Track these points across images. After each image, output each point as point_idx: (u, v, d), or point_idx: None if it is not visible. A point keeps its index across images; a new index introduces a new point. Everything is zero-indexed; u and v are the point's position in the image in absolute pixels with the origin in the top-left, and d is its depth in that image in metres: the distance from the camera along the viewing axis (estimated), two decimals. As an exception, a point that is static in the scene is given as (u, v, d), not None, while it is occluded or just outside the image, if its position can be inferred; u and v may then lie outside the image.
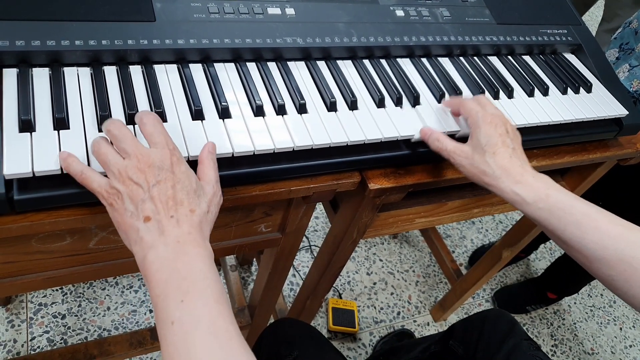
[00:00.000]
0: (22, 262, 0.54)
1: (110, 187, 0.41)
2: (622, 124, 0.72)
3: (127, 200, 0.40)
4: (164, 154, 0.42)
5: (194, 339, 0.36)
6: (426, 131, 0.57)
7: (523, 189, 0.51)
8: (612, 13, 2.08)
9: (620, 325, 1.65)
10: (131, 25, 0.51)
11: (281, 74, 0.58)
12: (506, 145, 0.53)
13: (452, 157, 0.55)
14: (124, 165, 0.41)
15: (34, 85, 0.46)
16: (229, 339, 0.37)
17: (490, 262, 1.22)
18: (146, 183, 0.40)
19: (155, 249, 0.39)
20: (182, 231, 0.40)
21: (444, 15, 0.69)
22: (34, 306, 1.21)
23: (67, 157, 0.42)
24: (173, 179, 0.41)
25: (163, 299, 0.38)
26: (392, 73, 0.64)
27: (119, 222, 0.41)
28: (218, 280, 0.40)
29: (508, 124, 0.55)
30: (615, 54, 1.05)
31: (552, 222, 0.50)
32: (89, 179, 0.41)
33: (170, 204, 0.40)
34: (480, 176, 0.54)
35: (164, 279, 0.38)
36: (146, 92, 0.50)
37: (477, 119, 0.55)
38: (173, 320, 0.37)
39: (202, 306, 0.37)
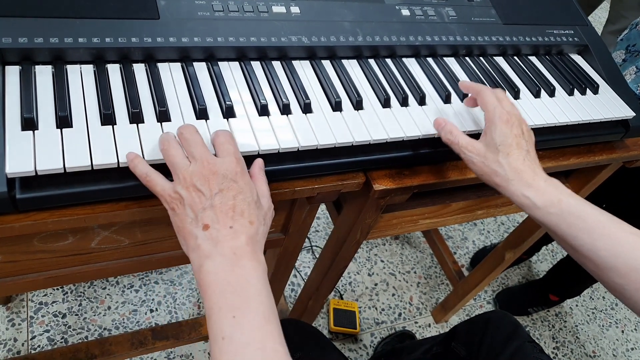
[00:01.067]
0: (24, 262, 0.53)
1: (174, 192, 0.41)
2: (629, 125, 0.72)
3: (188, 207, 0.41)
4: (230, 162, 0.42)
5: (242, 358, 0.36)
6: (440, 121, 0.56)
7: (534, 192, 0.50)
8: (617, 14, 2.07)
9: (622, 328, 1.65)
10: (135, 22, 0.51)
11: (286, 73, 0.57)
12: (520, 147, 0.52)
13: (463, 152, 0.54)
14: (190, 171, 0.41)
15: (36, 83, 0.46)
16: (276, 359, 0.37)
17: (493, 263, 1.21)
18: (209, 191, 0.41)
19: (211, 259, 0.39)
20: (239, 243, 0.40)
21: (450, 15, 0.68)
22: (35, 305, 1.21)
23: (135, 158, 0.43)
24: (236, 188, 0.41)
25: (216, 312, 0.38)
26: (398, 73, 0.63)
27: (179, 227, 0.42)
28: (270, 297, 0.40)
29: (524, 124, 0.54)
30: (621, 56, 1.05)
31: (562, 227, 0.49)
32: (153, 182, 0.42)
33: (230, 214, 0.41)
34: (491, 176, 0.52)
35: (218, 290, 0.39)
36: (150, 90, 0.49)
37: (494, 115, 0.53)
38: (224, 336, 0.37)
39: (253, 325, 0.37)
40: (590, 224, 0.48)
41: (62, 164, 0.41)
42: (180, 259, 0.65)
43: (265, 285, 0.40)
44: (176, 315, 1.28)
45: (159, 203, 0.48)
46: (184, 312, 1.29)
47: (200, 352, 1.22)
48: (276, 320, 0.39)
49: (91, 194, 0.44)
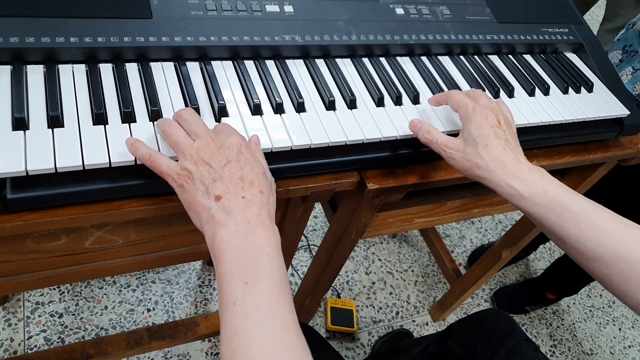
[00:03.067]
0: (17, 262, 0.53)
1: (182, 168, 0.41)
2: (624, 124, 0.72)
3: (197, 181, 0.41)
4: (233, 136, 0.43)
5: (253, 323, 0.36)
6: (416, 123, 0.55)
7: (519, 182, 0.49)
8: (614, 12, 2.07)
9: (620, 326, 1.65)
10: (127, 22, 0.50)
11: (279, 72, 0.57)
12: (499, 137, 0.51)
13: (442, 150, 0.53)
14: (196, 146, 0.42)
15: (28, 83, 0.45)
16: (286, 327, 0.37)
17: (490, 262, 1.21)
18: (217, 163, 0.41)
19: (225, 228, 0.40)
20: (252, 212, 0.40)
21: (444, 14, 0.68)
22: (31, 305, 1.21)
23: (135, 142, 0.43)
24: (243, 160, 0.42)
25: (229, 279, 0.38)
26: (392, 72, 0.63)
27: (190, 202, 0.42)
28: (282, 266, 0.40)
29: (500, 115, 0.53)
30: (618, 56, 1.05)
31: (550, 218, 0.48)
32: (157, 162, 0.42)
33: (240, 184, 0.41)
34: (473, 169, 0.51)
35: (231, 258, 0.39)
36: (142, 90, 0.49)
37: (467, 110, 0.52)
38: (235, 301, 0.37)
39: (264, 291, 0.38)
40: (577, 214, 0.47)
41: (53, 164, 0.41)
42: (174, 258, 0.65)
43: (278, 255, 0.40)
44: (173, 314, 1.28)
45: (151, 203, 0.48)
46: (181, 312, 1.29)
47: (197, 352, 1.22)
48: (287, 289, 0.39)
49: (83, 194, 0.44)
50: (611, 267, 0.46)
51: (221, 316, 0.38)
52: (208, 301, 1.33)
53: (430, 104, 0.59)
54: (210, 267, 1.40)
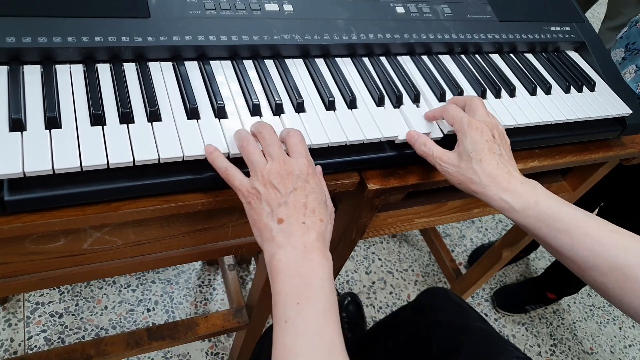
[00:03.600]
0: (16, 263, 0.53)
1: (252, 187, 0.44)
2: (626, 123, 0.71)
3: (264, 202, 0.44)
4: (303, 164, 0.45)
5: (301, 343, 0.39)
6: (413, 134, 0.56)
7: (511, 196, 0.50)
8: (616, 11, 2.07)
9: (620, 325, 1.65)
10: (125, 21, 0.50)
11: (279, 71, 0.57)
12: (493, 152, 0.52)
13: (438, 163, 0.54)
14: (268, 169, 0.44)
15: (25, 83, 0.45)
16: (332, 348, 0.39)
17: (490, 261, 1.21)
18: (284, 189, 0.44)
19: (284, 249, 0.43)
20: (310, 238, 0.43)
21: (445, 12, 0.68)
22: (31, 305, 1.20)
23: (214, 151, 0.46)
24: (308, 188, 0.45)
25: (282, 297, 0.41)
26: (392, 71, 0.63)
27: (255, 220, 0.45)
28: (333, 291, 0.43)
29: (495, 129, 0.54)
30: (621, 54, 1.04)
31: (542, 229, 0.49)
32: (232, 176, 0.45)
33: (302, 211, 0.44)
34: (467, 184, 0.52)
35: (286, 279, 0.42)
36: (140, 90, 0.49)
37: (462, 125, 0.53)
38: (287, 319, 0.40)
39: (314, 313, 0.40)
40: (568, 224, 0.48)
41: (50, 166, 0.41)
42: (174, 259, 0.64)
43: (329, 281, 0.43)
44: (173, 314, 1.28)
45: (149, 204, 0.48)
46: (181, 312, 1.29)
47: (197, 352, 1.22)
48: (336, 313, 0.42)
49: (81, 195, 0.44)
50: (606, 276, 0.46)
51: (274, 331, 0.41)
52: (208, 301, 1.33)
53: (427, 119, 0.59)
54: (210, 267, 1.40)
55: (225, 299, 1.34)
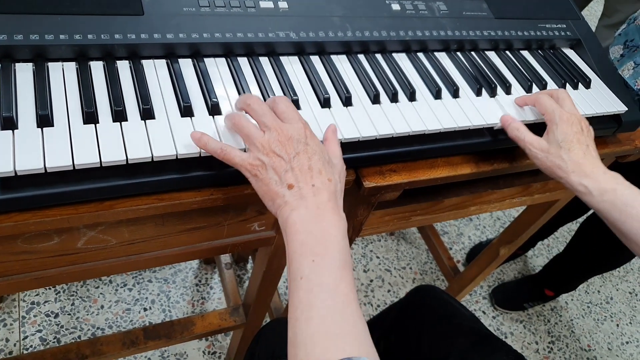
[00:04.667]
0: (9, 263, 0.52)
1: (255, 159, 0.44)
2: (621, 120, 0.71)
3: (270, 171, 0.44)
4: (299, 127, 0.46)
5: (316, 295, 0.40)
6: (507, 118, 0.60)
7: (591, 182, 0.55)
8: (613, 8, 2.06)
9: (617, 322, 1.65)
10: (118, 18, 0.50)
11: (274, 69, 0.56)
12: (581, 143, 0.57)
13: (529, 148, 0.58)
14: (267, 138, 0.45)
15: (16, 81, 0.44)
16: (346, 303, 0.40)
17: (488, 259, 1.21)
18: (287, 155, 0.44)
19: (297, 211, 0.43)
20: (321, 199, 0.44)
21: (440, 9, 0.67)
22: (27, 305, 1.20)
23: (202, 136, 0.45)
24: (310, 150, 0.45)
25: (298, 256, 0.42)
26: (388, 68, 0.62)
27: (264, 191, 0.45)
28: (347, 248, 0.44)
29: (583, 122, 0.59)
30: (619, 51, 1.04)
31: (613, 214, 0.54)
32: (230, 154, 0.45)
33: (309, 174, 0.44)
34: (553, 169, 0.57)
35: (301, 239, 0.42)
36: (134, 87, 0.49)
37: (554, 116, 0.58)
38: (302, 276, 0.41)
39: (329, 268, 0.41)
40: (639, 210, 0.53)
41: (42, 164, 0.40)
42: (169, 258, 0.64)
43: (343, 238, 0.44)
44: (170, 313, 1.28)
45: (143, 203, 0.47)
46: (177, 311, 1.28)
47: (194, 351, 1.22)
48: (350, 269, 0.43)
49: (74, 194, 0.43)
50: None
51: (290, 289, 0.42)
52: (205, 300, 1.32)
53: (517, 103, 0.64)
54: (207, 265, 1.39)
55: (222, 298, 1.34)
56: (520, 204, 0.89)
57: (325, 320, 0.39)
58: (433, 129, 0.58)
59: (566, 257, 1.39)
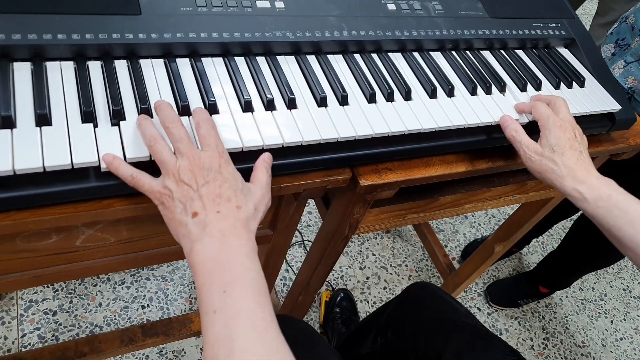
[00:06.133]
0: (8, 261, 0.53)
1: (163, 187, 0.43)
2: (615, 118, 0.72)
3: (177, 200, 0.43)
4: (213, 156, 0.44)
5: (234, 328, 0.38)
6: (507, 119, 0.61)
7: (586, 188, 0.55)
8: (607, 7, 2.07)
9: (611, 319, 1.67)
10: (116, 18, 0.50)
11: (270, 68, 0.57)
12: (574, 149, 0.57)
13: (523, 150, 0.59)
14: (178, 166, 0.43)
15: (14, 80, 0.45)
16: (266, 328, 0.39)
17: (483, 256, 1.22)
18: (195, 184, 0.43)
19: (200, 241, 0.42)
20: (226, 224, 0.42)
21: (436, 9, 0.68)
22: (25, 303, 1.20)
23: (114, 160, 0.43)
24: (220, 179, 0.44)
25: (207, 289, 0.40)
26: (384, 68, 0.63)
27: (169, 219, 0.44)
28: (259, 271, 0.42)
29: (577, 129, 0.59)
30: (611, 50, 1.05)
31: (608, 220, 0.54)
32: (140, 182, 0.43)
33: (217, 201, 0.43)
34: (547, 173, 0.57)
35: (208, 269, 0.41)
36: (132, 87, 0.49)
37: (547, 122, 0.59)
38: (215, 309, 0.39)
39: (242, 297, 0.39)
40: (634, 217, 0.53)
41: (41, 163, 0.41)
42: (167, 255, 0.65)
43: (253, 261, 0.42)
44: (168, 311, 1.28)
45: (142, 201, 0.48)
46: (175, 308, 1.29)
47: (192, 348, 1.22)
48: (265, 293, 0.41)
49: (72, 193, 0.44)
50: None
51: (202, 325, 0.39)
52: (202, 298, 1.33)
53: (516, 110, 0.65)
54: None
55: (219, 296, 1.34)
56: (515, 201, 0.90)
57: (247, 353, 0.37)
58: (428, 127, 0.58)
59: (560, 254, 1.40)
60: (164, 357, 1.19)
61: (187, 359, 1.20)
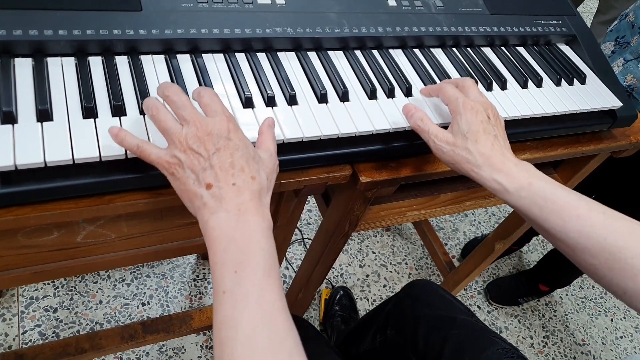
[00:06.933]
0: (9, 257, 0.53)
1: (171, 156, 0.41)
2: (616, 115, 0.72)
3: (188, 169, 0.41)
4: (222, 121, 0.42)
5: (241, 310, 0.37)
6: (410, 108, 0.55)
7: (504, 177, 0.50)
8: (608, 5, 2.07)
9: (611, 317, 1.67)
10: (117, 14, 0.50)
11: (271, 64, 0.57)
12: (488, 133, 0.51)
13: (432, 140, 0.53)
14: (184, 133, 0.41)
15: (16, 76, 0.45)
16: (274, 313, 0.38)
17: (483, 254, 1.22)
18: (206, 152, 0.41)
19: (217, 215, 0.40)
20: (243, 199, 0.41)
21: (437, 6, 0.68)
22: (25, 300, 1.20)
23: (119, 132, 0.42)
24: (232, 146, 0.42)
25: (220, 267, 0.39)
26: (384, 64, 0.63)
27: (182, 190, 0.42)
28: (273, 252, 0.41)
29: (490, 110, 0.53)
30: (610, 47, 1.05)
31: (534, 211, 0.49)
32: (146, 151, 0.42)
33: (230, 171, 0.41)
34: (461, 163, 0.52)
35: (222, 247, 0.40)
36: (132, 83, 0.49)
37: (457, 105, 0.53)
38: (225, 290, 0.38)
39: (252, 279, 0.38)
40: (560, 206, 0.48)
41: (42, 159, 0.41)
42: (168, 252, 0.65)
43: (268, 241, 0.41)
44: (168, 308, 1.28)
45: (143, 197, 0.48)
46: (175, 306, 1.29)
47: (192, 345, 1.23)
48: (277, 275, 0.40)
49: (74, 188, 0.44)
50: (596, 257, 0.46)
51: (214, 304, 0.39)
52: (202, 295, 1.33)
53: (422, 94, 0.59)
54: (205, 261, 1.40)
55: (220, 293, 1.34)
56: (516, 199, 0.90)
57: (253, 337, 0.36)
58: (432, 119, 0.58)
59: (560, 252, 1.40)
60: (164, 354, 1.19)
61: (187, 356, 1.20)
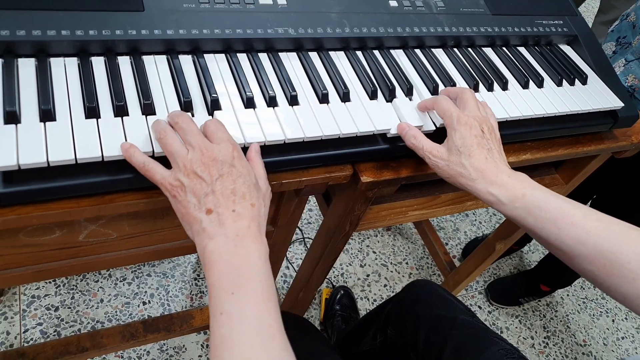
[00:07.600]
0: (11, 256, 0.53)
1: (175, 179, 0.42)
2: (617, 116, 0.72)
3: (190, 194, 0.42)
4: (227, 148, 0.43)
5: (238, 332, 0.38)
6: (404, 126, 0.56)
7: (498, 189, 0.51)
8: (609, 5, 2.07)
9: (613, 317, 1.67)
10: (119, 15, 0.50)
11: (272, 65, 0.57)
12: (481, 147, 0.53)
13: (428, 157, 0.54)
14: (189, 158, 0.42)
15: (19, 76, 0.45)
16: (271, 336, 0.39)
17: (484, 254, 1.22)
18: (209, 177, 0.42)
19: (215, 240, 0.41)
20: (242, 225, 0.42)
21: (438, 6, 0.68)
22: (27, 298, 1.21)
23: (130, 148, 0.43)
24: (235, 173, 0.43)
25: (217, 289, 0.40)
26: (385, 65, 0.63)
27: (182, 214, 0.43)
28: (270, 277, 0.42)
29: (485, 124, 0.54)
30: (612, 48, 1.05)
31: (529, 221, 0.50)
32: (151, 171, 0.43)
33: (232, 198, 0.42)
34: (456, 178, 0.53)
35: (219, 270, 0.40)
36: (135, 83, 0.49)
37: (452, 120, 0.54)
38: (222, 311, 0.39)
39: (250, 302, 0.39)
40: (555, 214, 0.49)
41: (45, 158, 0.41)
42: (169, 251, 0.65)
43: (265, 266, 0.42)
44: (169, 307, 1.29)
45: (144, 197, 0.48)
46: (176, 305, 1.29)
47: (192, 344, 1.23)
48: (274, 299, 0.41)
49: (76, 187, 0.44)
50: (593, 263, 0.47)
51: (210, 323, 0.39)
52: (203, 294, 1.33)
53: (419, 109, 0.60)
54: (206, 260, 1.40)
55: (221, 292, 1.34)
56: (516, 199, 0.90)
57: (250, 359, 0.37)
58: (430, 124, 0.58)
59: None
60: (164, 353, 1.19)
61: (188, 355, 1.21)
